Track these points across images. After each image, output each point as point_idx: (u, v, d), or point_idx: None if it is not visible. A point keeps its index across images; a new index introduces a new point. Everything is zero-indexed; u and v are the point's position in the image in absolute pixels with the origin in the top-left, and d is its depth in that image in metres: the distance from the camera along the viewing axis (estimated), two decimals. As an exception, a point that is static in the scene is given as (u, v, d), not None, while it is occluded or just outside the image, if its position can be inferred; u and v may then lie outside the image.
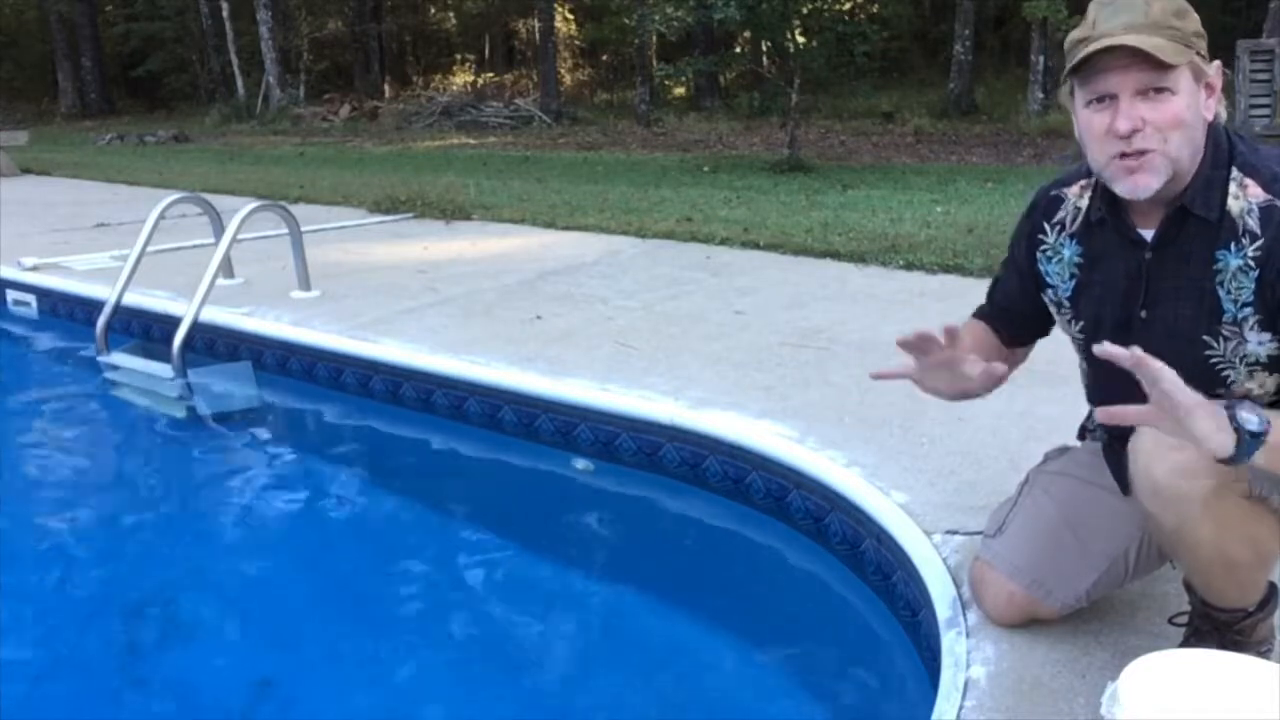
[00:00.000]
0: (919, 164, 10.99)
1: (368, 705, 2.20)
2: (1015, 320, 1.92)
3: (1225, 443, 1.36)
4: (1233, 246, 1.57)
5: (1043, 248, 1.82)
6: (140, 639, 2.51)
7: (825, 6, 11.20)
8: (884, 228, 6.03)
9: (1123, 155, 1.55)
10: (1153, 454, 1.50)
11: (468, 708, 2.21)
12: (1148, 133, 1.52)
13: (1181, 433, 1.38)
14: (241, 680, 2.30)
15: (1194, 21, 1.55)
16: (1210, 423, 1.36)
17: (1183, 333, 1.64)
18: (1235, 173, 1.58)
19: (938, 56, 19.48)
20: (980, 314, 1.99)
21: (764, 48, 16.17)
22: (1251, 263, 1.56)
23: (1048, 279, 1.82)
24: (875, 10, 15.49)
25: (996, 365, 1.68)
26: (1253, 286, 1.56)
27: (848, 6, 13.40)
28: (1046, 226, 1.81)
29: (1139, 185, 1.56)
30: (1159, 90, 1.51)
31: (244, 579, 2.80)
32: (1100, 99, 1.55)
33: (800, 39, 10.82)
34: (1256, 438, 1.37)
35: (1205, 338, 1.62)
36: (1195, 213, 1.59)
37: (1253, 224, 1.56)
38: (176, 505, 3.34)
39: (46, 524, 3.14)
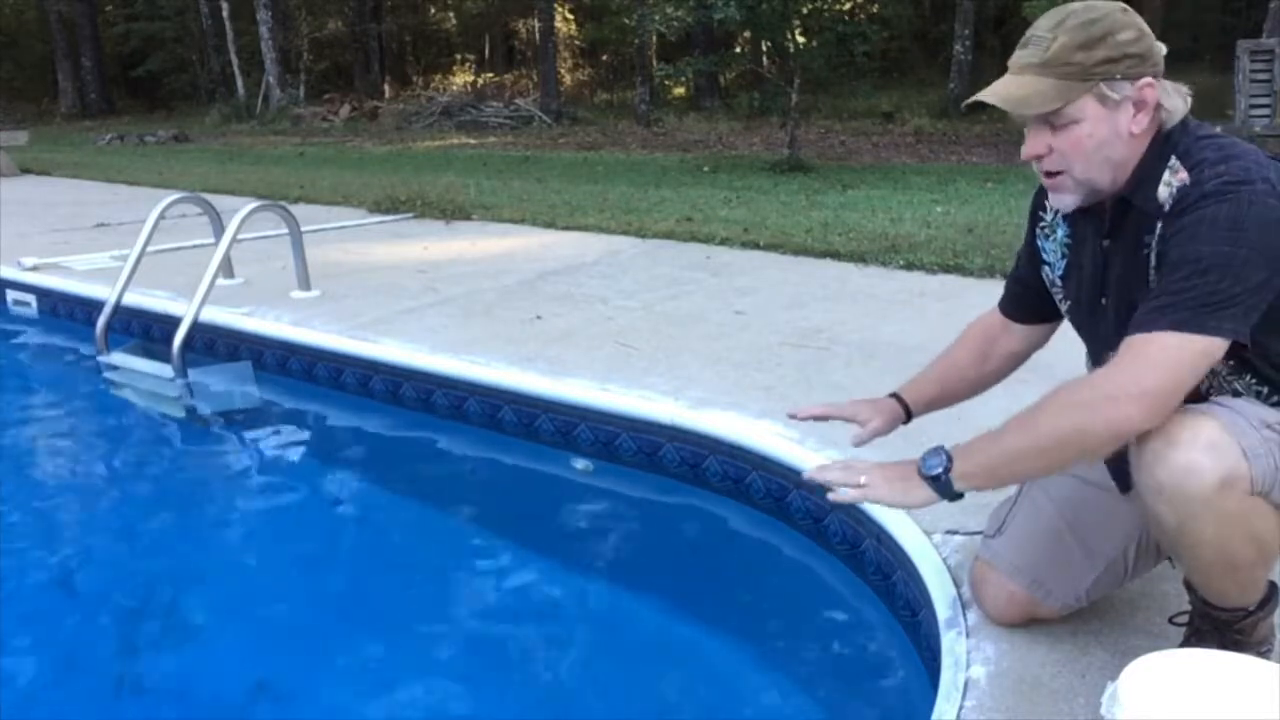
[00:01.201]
0: (919, 164, 11.00)
1: (367, 705, 2.20)
2: (1031, 293, 1.93)
3: (923, 495, 1.62)
4: (1158, 228, 1.59)
5: (1041, 224, 1.86)
6: (140, 639, 2.51)
7: (825, 6, 11.21)
8: (884, 228, 6.03)
9: (1045, 173, 1.65)
10: (1157, 451, 1.50)
11: (467, 707, 2.21)
12: (1053, 158, 1.61)
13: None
14: (241, 680, 2.30)
15: (1108, 47, 1.54)
16: (899, 487, 1.63)
17: (1130, 318, 1.66)
18: (1173, 161, 1.59)
19: (938, 56, 19.49)
20: (1000, 303, 2.05)
21: (764, 48, 16.17)
22: (1156, 242, 1.59)
23: (1044, 255, 1.86)
24: (875, 10, 15.48)
25: (866, 435, 2.04)
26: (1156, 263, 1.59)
27: (848, 6, 13.39)
28: (1046, 203, 1.84)
29: (1058, 201, 1.67)
30: (1059, 121, 1.58)
31: (244, 579, 2.80)
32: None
33: (800, 39, 10.83)
34: (937, 480, 1.59)
35: None
36: (1134, 203, 1.62)
37: (1168, 204, 1.57)
38: (176, 505, 3.33)
39: (46, 524, 3.14)
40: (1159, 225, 1.57)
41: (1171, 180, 1.58)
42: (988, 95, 1.59)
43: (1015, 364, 2.04)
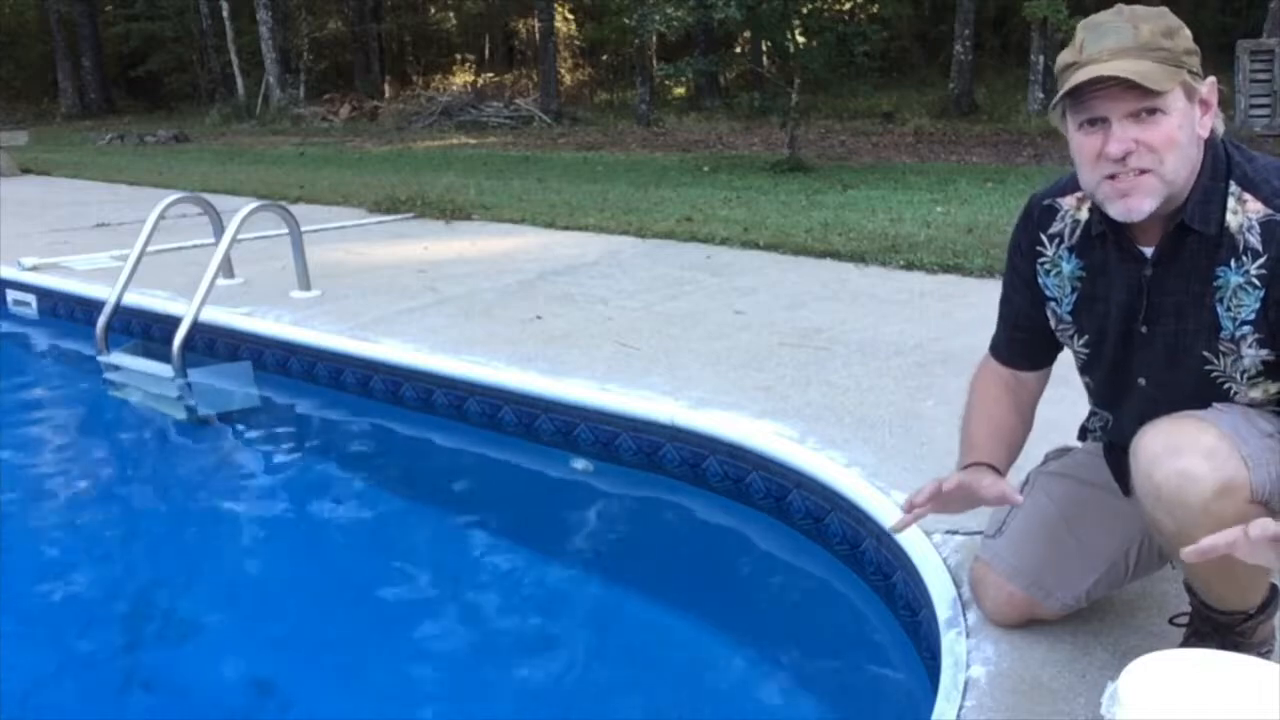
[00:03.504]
0: (919, 164, 10.99)
1: (367, 705, 2.20)
2: (1038, 338, 1.85)
3: None
4: (1233, 263, 1.56)
5: (1041, 260, 1.79)
6: (140, 639, 2.51)
7: (825, 7, 11.22)
8: (884, 228, 6.03)
9: (1112, 177, 1.54)
10: (1155, 457, 1.49)
11: (467, 707, 2.21)
12: (1141, 153, 1.51)
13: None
14: (242, 680, 2.30)
15: (1185, 39, 1.53)
16: None
17: (1182, 348, 1.63)
18: (1234, 187, 1.56)
19: (938, 56, 19.48)
20: (997, 354, 1.93)
21: (764, 48, 16.17)
22: (1256, 280, 1.55)
23: (1047, 292, 1.79)
24: (875, 10, 15.48)
25: (1013, 495, 1.71)
26: (1256, 305, 1.55)
27: (848, 6, 13.40)
28: (1044, 238, 1.77)
29: (1132, 209, 1.55)
30: (1150, 112, 1.50)
31: (244, 579, 2.80)
32: (1092, 122, 1.54)
33: (800, 39, 10.82)
34: None
35: (1205, 353, 1.61)
36: (1194, 228, 1.57)
37: (1254, 240, 1.54)
38: (176, 505, 3.33)
39: (47, 524, 3.14)
40: (1249, 260, 1.54)
41: (1240, 210, 1.55)
42: (1115, 66, 1.49)
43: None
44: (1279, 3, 11.45)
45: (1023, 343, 1.88)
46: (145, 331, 4.59)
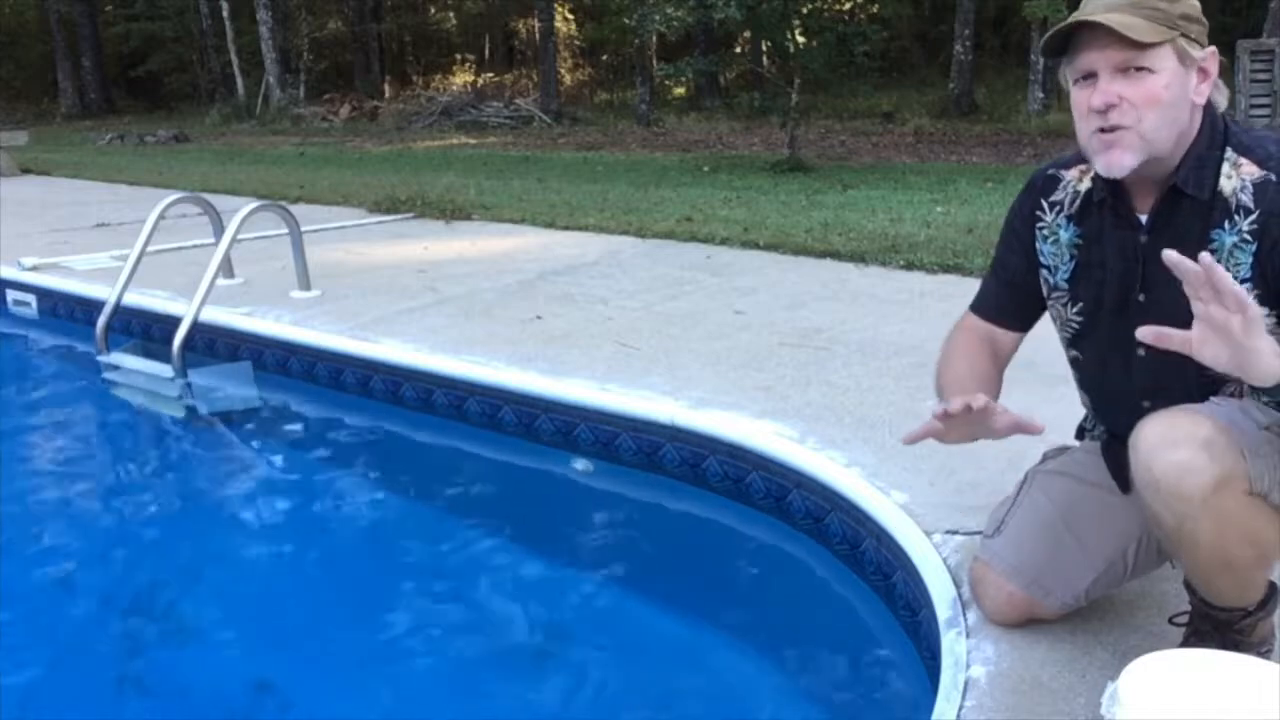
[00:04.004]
0: (919, 164, 10.99)
1: (367, 705, 2.20)
2: (1022, 298, 1.88)
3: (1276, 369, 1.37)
4: (1227, 225, 1.59)
5: (1040, 225, 1.83)
6: (141, 639, 2.51)
7: (825, 7, 11.22)
8: (884, 228, 6.03)
9: (1100, 130, 1.57)
10: (1154, 450, 1.50)
11: (467, 708, 2.21)
12: (1124, 109, 1.55)
13: (1231, 351, 1.36)
14: (241, 680, 2.30)
15: (1185, 5, 1.56)
16: (1265, 342, 1.35)
17: (1180, 315, 1.63)
18: (1229, 153, 1.59)
19: (938, 56, 19.49)
20: (983, 311, 1.95)
21: (764, 48, 16.18)
22: (1248, 237, 1.57)
23: (1042, 259, 1.83)
24: (875, 10, 15.48)
25: (1033, 423, 1.63)
26: (1249, 261, 1.58)
27: (848, 6, 13.39)
28: (1045, 204, 1.82)
29: (1113, 162, 1.58)
30: (1138, 69, 1.54)
31: (244, 579, 2.80)
32: (1085, 76, 1.58)
33: (800, 39, 10.83)
34: None
35: None
36: (1188, 193, 1.60)
37: (1246, 200, 1.58)
38: (176, 505, 3.34)
39: (46, 524, 3.14)
40: (1241, 219, 1.57)
41: (1234, 173, 1.58)
42: (1100, 16, 1.52)
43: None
44: (1279, 3, 11.45)
45: (1013, 301, 1.91)
46: (145, 331, 4.59)
